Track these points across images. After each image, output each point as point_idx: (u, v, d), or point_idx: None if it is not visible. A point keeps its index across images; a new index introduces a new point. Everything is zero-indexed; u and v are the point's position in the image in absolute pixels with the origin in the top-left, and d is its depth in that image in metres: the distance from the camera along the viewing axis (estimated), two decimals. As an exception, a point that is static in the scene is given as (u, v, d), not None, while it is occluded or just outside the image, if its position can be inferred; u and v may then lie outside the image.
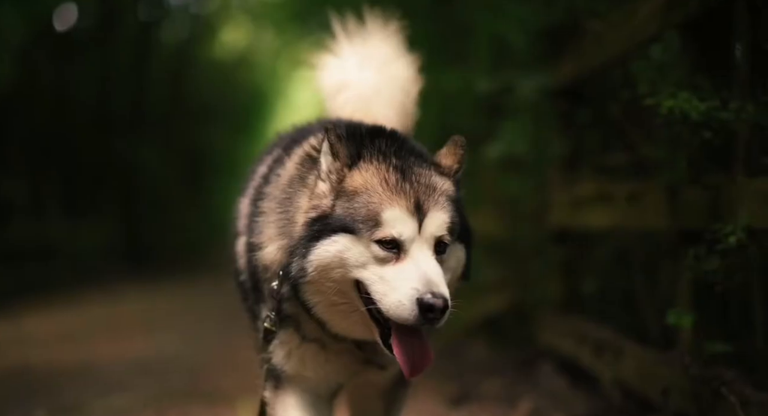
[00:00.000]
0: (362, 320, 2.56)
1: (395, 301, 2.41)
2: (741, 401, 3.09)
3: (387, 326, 2.53)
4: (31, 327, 9.34)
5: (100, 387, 6.02)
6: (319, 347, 2.81)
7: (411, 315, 2.39)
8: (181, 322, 9.85)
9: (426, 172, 2.61)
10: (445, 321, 2.44)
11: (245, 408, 5.01)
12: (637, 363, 4.04)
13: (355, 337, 2.69)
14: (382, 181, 2.54)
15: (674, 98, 3.22)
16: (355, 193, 2.54)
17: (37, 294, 12.13)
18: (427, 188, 2.56)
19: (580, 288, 5.29)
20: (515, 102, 5.82)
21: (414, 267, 2.44)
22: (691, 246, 3.44)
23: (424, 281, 2.41)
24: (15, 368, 6.85)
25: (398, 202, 2.50)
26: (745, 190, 3.15)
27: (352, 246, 2.49)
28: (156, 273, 16.26)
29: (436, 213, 2.52)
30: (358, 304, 2.53)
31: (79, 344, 8.12)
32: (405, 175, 2.56)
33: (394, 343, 2.51)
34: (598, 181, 4.85)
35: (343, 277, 2.52)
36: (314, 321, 2.69)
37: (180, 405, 5.28)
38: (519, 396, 4.88)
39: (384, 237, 2.46)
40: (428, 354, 2.55)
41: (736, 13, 3.35)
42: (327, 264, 2.51)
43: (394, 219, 2.47)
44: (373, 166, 2.59)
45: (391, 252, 2.47)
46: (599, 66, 4.68)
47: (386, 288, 2.44)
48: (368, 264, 2.48)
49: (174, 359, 7.25)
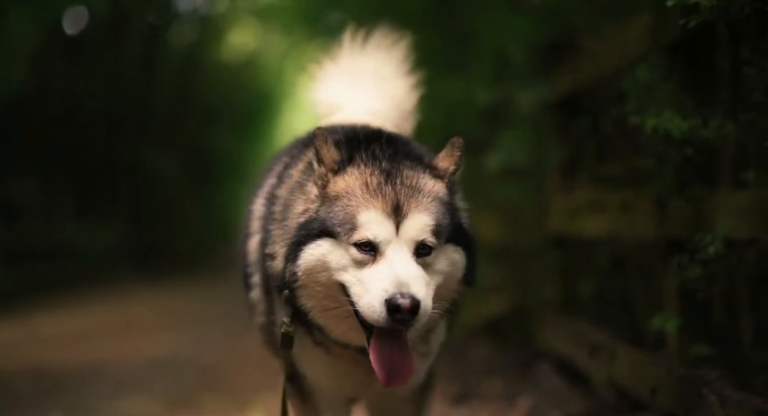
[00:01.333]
0: (356, 325, 2.52)
1: (367, 303, 2.39)
2: (721, 400, 3.21)
3: (371, 330, 2.49)
4: (42, 327, 9.47)
5: (113, 386, 6.16)
6: (326, 352, 2.79)
7: (380, 317, 2.35)
8: (191, 322, 10.01)
9: (415, 174, 2.57)
10: (420, 323, 2.39)
11: (258, 406, 5.14)
12: (629, 363, 4.15)
13: (353, 343, 2.65)
14: (363, 184, 2.53)
15: (658, 117, 3.37)
16: (337, 198, 2.54)
17: (47, 294, 12.28)
18: (410, 190, 2.52)
19: (578, 292, 5.37)
20: (515, 112, 5.95)
21: (387, 269, 2.41)
22: (675, 255, 3.55)
23: (395, 282, 2.36)
24: (28, 368, 6.99)
25: (374, 204, 2.48)
26: (724, 203, 3.28)
27: (333, 249, 2.49)
28: (164, 273, 16.39)
29: (417, 215, 2.48)
30: (349, 307, 2.49)
31: (90, 344, 8.26)
32: (389, 177, 2.53)
33: (371, 348, 2.48)
34: (593, 189, 4.97)
35: (329, 280, 2.50)
36: (317, 329, 2.68)
37: (193, 405, 5.37)
38: (518, 395, 4.97)
39: (359, 240, 2.45)
40: (408, 361, 2.48)
41: (718, 36, 3.49)
42: (312, 268, 2.51)
43: (369, 221, 2.45)
44: (358, 171, 2.57)
45: (368, 254, 2.44)
46: (593, 81, 4.80)
47: (361, 290, 2.42)
48: (348, 267, 2.46)
49: (186, 358, 7.39)
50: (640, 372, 4.00)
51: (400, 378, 2.47)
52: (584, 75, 4.84)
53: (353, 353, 2.72)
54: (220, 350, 7.87)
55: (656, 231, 3.86)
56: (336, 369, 2.83)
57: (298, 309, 2.63)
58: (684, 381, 3.53)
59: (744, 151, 3.43)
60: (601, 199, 4.62)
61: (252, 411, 5.12)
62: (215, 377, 6.51)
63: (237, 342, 8.07)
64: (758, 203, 3.09)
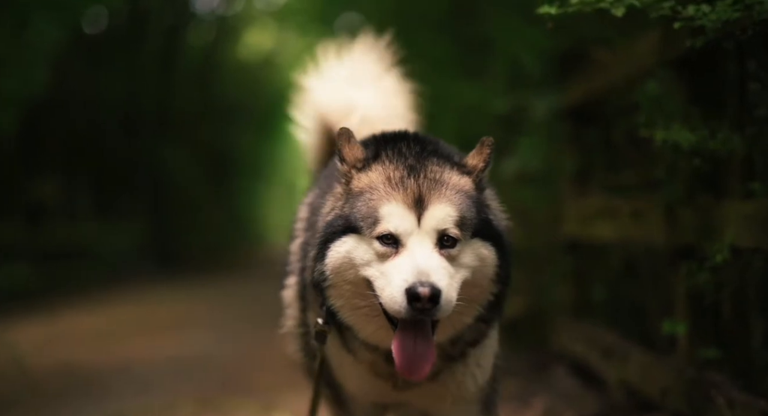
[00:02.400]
0: (385, 323, 2.49)
1: (388, 294, 2.36)
2: (729, 402, 3.33)
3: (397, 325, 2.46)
4: (67, 326, 9.56)
5: (138, 386, 6.22)
6: (355, 360, 2.77)
7: (401, 306, 2.32)
8: (212, 321, 10.05)
9: (440, 169, 2.55)
10: (442, 313, 2.35)
11: (283, 408, 5.19)
12: (640, 366, 4.25)
13: (383, 345, 2.58)
14: (386, 178, 2.51)
15: (667, 129, 3.48)
16: (360, 193, 2.52)
17: (70, 293, 12.40)
18: (434, 183, 2.49)
19: (591, 295, 5.44)
20: (529, 120, 6.05)
21: (408, 259, 2.38)
22: (685, 261, 3.68)
23: (415, 271, 2.33)
24: (56, 366, 7.08)
25: (395, 196, 2.46)
26: (730, 212, 3.38)
27: (358, 245, 2.47)
28: (184, 272, 16.46)
29: (439, 206, 2.45)
30: (377, 305, 2.45)
31: (114, 343, 8.34)
32: (412, 171, 2.51)
33: (394, 339, 2.44)
34: (605, 196, 5.04)
35: (356, 277, 2.48)
36: (347, 329, 2.65)
37: (219, 406, 5.40)
38: (533, 395, 5.03)
39: (381, 233, 2.43)
40: (429, 354, 2.43)
41: (724, 51, 3.58)
42: (339, 266, 2.49)
43: (390, 213, 2.44)
44: (382, 167, 2.56)
45: (390, 247, 2.42)
46: (604, 92, 4.91)
47: (384, 282, 2.39)
48: (372, 261, 2.44)
49: (208, 357, 7.45)
50: (651, 374, 4.10)
51: (420, 370, 2.43)
52: (596, 86, 4.94)
53: (376, 358, 2.68)
54: (242, 349, 7.90)
55: (666, 237, 3.94)
56: (364, 376, 2.80)
57: (330, 311, 2.61)
58: (693, 383, 3.64)
59: (750, 162, 3.53)
60: (613, 205, 4.71)
61: (278, 414, 5.19)
62: (238, 376, 6.55)
63: (259, 340, 8.07)
64: (762, 213, 3.18)
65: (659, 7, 3.03)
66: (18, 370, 6.82)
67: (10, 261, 12.44)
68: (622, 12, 3.01)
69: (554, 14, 2.98)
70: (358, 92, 3.61)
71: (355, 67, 3.74)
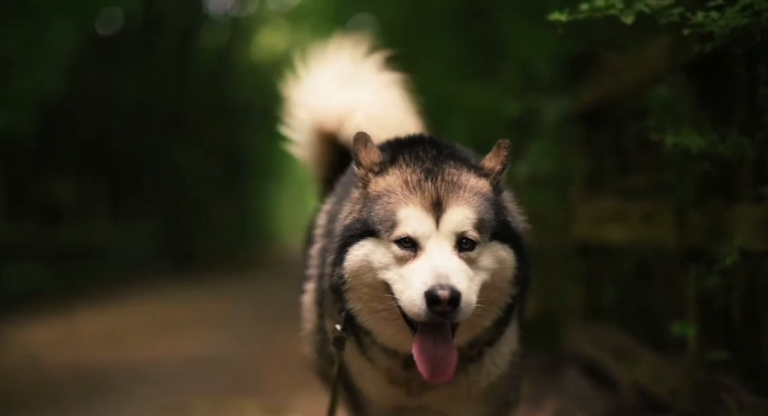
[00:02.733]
0: (404, 327, 2.49)
1: (408, 297, 2.35)
2: (738, 403, 3.34)
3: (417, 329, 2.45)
4: (81, 325, 9.66)
5: (152, 386, 6.28)
6: (372, 366, 2.77)
7: (420, 310, 2.31)
8: (225, 320, 10.14)
9: (457, 172, 2.54)
10: (462, 316, 2.34)
11: (296, 410, 5.25)
12: (650, 367, 4.26)
13: (402, 349, 2.59)
14: (403, 182, 2.51)
15: (677, 134, 3.50)
16: (378, 197, 2.52)
17: (85, 293, 12.51)
18: (451, 185, 2.48)
19: (602, 297, 5.47)
20: (541, 123, 6.07)
21: (427, 262, 2.37)
22: (694, 264, 3.71)
23: (434, 274, 2.32)
24: (71, 366, 7.15)
25: (413, 199, 2.45)
26: (740, 216, 3.40)
27: (376, 248, 2.46)
28: (197, 272, 16.56)
29: (457, 209, 2.44)
30: (396, 308, 2.45)
31: (128, 343, 8.44)
32: (429, 174, 2.50)
33: (414, 343, 2.44)
34: (616, 200, 5.07)
35: (374, 280, 2.47)
36: (365, 334, 2.66)
37: (233, 407, 5.44)
38: (545, 396, 5.04)
39: (399, 236, 2.42)
40: (451, 357, 2.43)
41: (735, 56, 3.59)
42: (357, 269, 2.48)
43: (408, 217, 2.43)
44: (399, 170, 2.55)
45: (409, 250, 2.41)
46: (615, 96, 4.93)
47: (403, 286, 2.38)
48: (391, 264, 2.43)
49: (221, 357, 7.50)
50: (661, 376, 4.12)
51: (443, 373, 2.43)
52: (607, 90, 4.96)
53: (393, 364, 2.70)
54: (255, 349, 7.94)
55: (676, 240, 3.96)
56: (381, 383, 2.80)
57: (348, 316, 2.60)
58: (702, 385, 3.66)
59: (760, 167, 3.54)
60: (623, 208, 4.73)
61: (293, 408, 5.24)
62: (251, 376, 6.59)
63: (271, 340, 8.19)
64: (770, 217, 3.21)
65: (669, 13, 3.06)
66: (33, 369, 6.99)
67: (26, 262, 12.57)
68: (632, 19, 3.04)
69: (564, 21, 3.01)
70: (351, 93, 3.59)
71: (343, 68, 3.71)
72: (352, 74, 3.68)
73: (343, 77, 3.68)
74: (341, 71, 3.70)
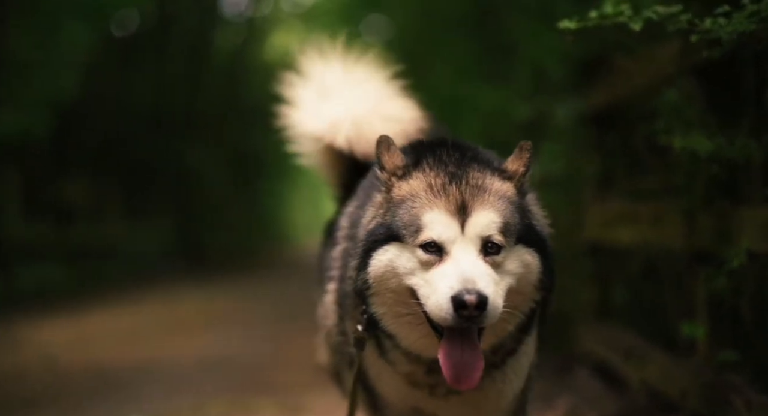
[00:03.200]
0: (429, 332, 2.47)
1: (434, 302, 2.33)
2: (746, 403, 3.37)
3: (442, 334, 2.44)
4: (96, 325, 9.70)
5: (167, 386, 6.29)
6: (392, 369, 2.76)
7: (447, 314, 2.30)
8: (238, 320, 10.13)
9: (481, 175, 2.52)
10: (489, 321, 2.33)
11: (307, 406, 5.29)
12: (660, 368, 4.29)
13: (426, 354, 2.58)
14: (427, 186, 2.49)
15: (686, 137, 3.56)
16: (402, 201, 2.50)
17: (99, 293, 12.58)
18: (476, 189, 2.47)
19: (612, 298, 5.49)
20: (552, 125, 6.10)
21: (453, 267, 2.36)
22: (703, 265, 3.76)
23: (460, 279, 2.31)
24: (86, 366, 7.18)
25: (438, 204, 2.44)
26: (747, 218, 3.44)
27: (400, 253, 2.45)
28: (210, 272, 16.59)
29: (482, 213, 2.43)
30: (421, 313, 2.43)
31: (142, 342, 8.45)
32: (453, 178, 2.49)
33: (440, 348, 2.41)
34: (627, 201, 5.10)
35: (399, 285, 2.46)
36: (387, 338, 2.64)
37: (247, 407, 5.45)
38: (557, 396, 5.05)
39: (424, 241, 2.40)
40: (477, 363, 2.42)
41: (743, 60, 3.64)
42: (382, 274, 2.47)
43: (433, 221, 2.41)
44: (423, 174, 2.54)
45: (434, 255, 2.40)
46: (626, 99, 4.96)
47: (429, 291, 2.37)
48: (416, 269, 2.41)
49: (234, 357, 7.51)
50: (671, 376, 4.15)
51: (469, 379, 2.41)
52: (618, 92, 4.99)
53: (416, 368, 2.68)
54: (268, 349, 7.96)
55: (685, 242, 4.00)
56: (402, 387, 2.79)
57: (370, 319, 2.60)
58: (711, 385, 3.69)
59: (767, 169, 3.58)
60: (634, 210, 4.76)
61: (305, 407, 5.27)
62: (264, 376, 6.61)
63: (284, 341, 8.20)
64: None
65: (677, 20, 3.09)
66: (48, 369, 6.99)
67: (40, 262, 12.64)
68: (640, 26, 3.08)
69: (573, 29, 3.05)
70: (336, 104, 3.55)
71: (324, 79, 3.68)
72: (336, 83, 3.64)
73: (326, 87, 3.65)
74: (324, 81, 3.68)
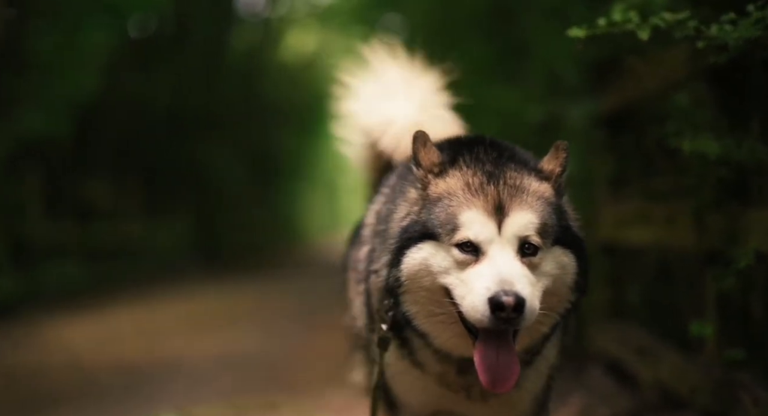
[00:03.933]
0: (462, 331, 2.45)
1: (470, 303, 2.31)
2: (754, 401, 3.45)
3: (476, 334, 2.41)
4: (117, 323, 9.79)
5: (189, 384, 6.37)
6: (416, 368, 2.72)
7: (484, 316, 2.27)
8: (257, 318, 10.17)
9: (519, 175, 2.49)
10: (526, 322, 2.30)
11: (325, 403, 5.36)
12: (671, 366, 4.35)
13: (458, 352, 2.56)
14: (465, 185, 2.47)
15: (695, 139, 3.61)
16: (438, 199, 2.48)
17: (119, 291, 12.66)
18: (514, 189, 2.44)
19: (626, 297, 5.53)
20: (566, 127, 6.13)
21: (489, 268, 2.33)
22: (713, 265, 3.81)
23: (497, 280, 2.28)
24: (110, 364, 7.26)
25: (475, 203, 2.41)
26: (755, 219, 3.49)
27: (435, 252, 2.42)
28: (229, 270, 16.70)
29: (520, 213, 2.40)
30: (455, 312, 2.41)
31: (163, 340, 8.52)
32: (491, 178, 2.47)
33: (476, 350, 2.40)
34: (639, 202, 5.13)
35: (433, 284, 2.43)
36: (418, 337, 2.60)
37: (270, 407, 5.45)
38: (570, 394, 5.07)
39: (461, 240, 2.38)
40: (513, 366, 2.39)
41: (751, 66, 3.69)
42: (416, 273, 2.44)
43: (471, 220, 2.39)
44: (460, 172, 2.51)
45: (470, 255, 2.37)
46: (638, 101, 5.00)
47: (465, 291, 2.34)
48: (451, 269, 2.39)
49: (254, 355, 7.57)
50: (682, 374, 4.21)
51: (505, 382, 2.39)
52: (630, 94, 5.03)
53: (447, 369, 2.65)
54: (287, 347, 8.03)
55: (696, 242, 4.06)
56: (431, 389, 2.75)
57: (396, 319, 2.58)
58: (720, 383, 3.76)
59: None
60: (646, 211, 4.80)
61: (324, 405, 5.31)
62: (284, 373, 6.68)
63: (303, 338, 8.30)
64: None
65: (684, 26, 3.15)
66: (73, 367, 7.09)
67: (61, 260, 12.74)
68: (648, 34, 3.14)
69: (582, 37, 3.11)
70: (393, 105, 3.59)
71: (388, 78, 3.71)
72: (394, 84, 3.67)
73: (386, 88, 3.68)
74: (384, 81, 3.71)
